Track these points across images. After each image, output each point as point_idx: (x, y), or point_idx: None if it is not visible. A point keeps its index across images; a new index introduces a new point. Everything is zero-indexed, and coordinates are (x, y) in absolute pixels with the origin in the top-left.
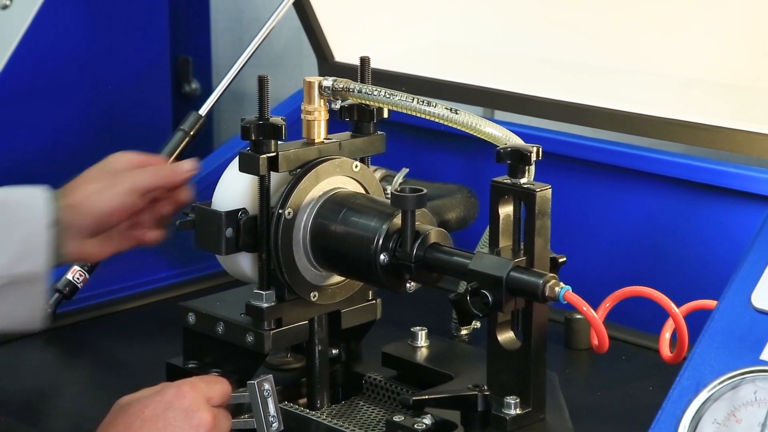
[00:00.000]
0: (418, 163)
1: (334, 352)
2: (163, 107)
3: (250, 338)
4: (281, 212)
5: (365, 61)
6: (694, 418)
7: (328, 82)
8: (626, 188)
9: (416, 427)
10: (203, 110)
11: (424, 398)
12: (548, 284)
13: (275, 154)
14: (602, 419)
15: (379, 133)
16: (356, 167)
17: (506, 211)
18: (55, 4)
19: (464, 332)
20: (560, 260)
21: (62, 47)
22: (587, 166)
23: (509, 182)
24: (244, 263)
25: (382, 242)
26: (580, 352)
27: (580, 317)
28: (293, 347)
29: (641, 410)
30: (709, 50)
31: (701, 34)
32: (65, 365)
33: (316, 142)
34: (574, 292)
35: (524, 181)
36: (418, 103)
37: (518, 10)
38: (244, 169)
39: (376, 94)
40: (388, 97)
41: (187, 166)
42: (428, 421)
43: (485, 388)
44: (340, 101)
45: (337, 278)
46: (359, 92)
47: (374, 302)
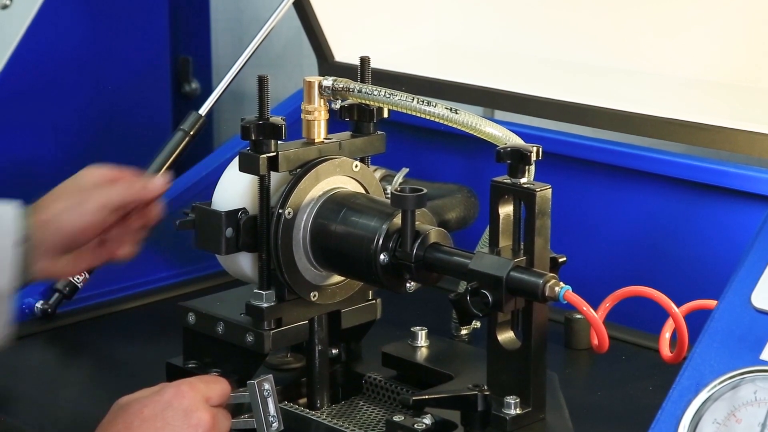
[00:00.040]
0: (418, 163)
1: (334, 352)
2: (163, 107)
3: (250, 338)
4: (281, 212)
5: (365, 61)
6: (694, 418)
7: (328, 81)
8: (626, 188)
9: (416, 427)
10: (203, 110)
11: (424, 398)
12: (548, 284)
13: (275, 153)
14: (602, 419)
15: (379, 133)
16: (356, 167)
17: (506, 211)
18: (55, 4)
19: (464, 332)
20: (560, 260)
21: (62, 47)
22: (587, 166)
23: (509, 182)
24: (244, 263)
25: (382, 242)
26: (580, 352)
27: (580, 317)
28: (293, 347)
29: (641, 410)
30: (709, 50)
31: (701, 34)
32: (65, 365)
33: (316, 141)
34: (574, 292)
35: (524, 180)
36: (418, 103)
37: (518, 10)
38: (244, 169)
39: (376, 93)
40: (388, 97)
41: (158, 182)
42: (428, 421)
43: (485, 388)
44: (340, 101)
45: (337, 278)
46: (359, 92)
47: (374, 302)
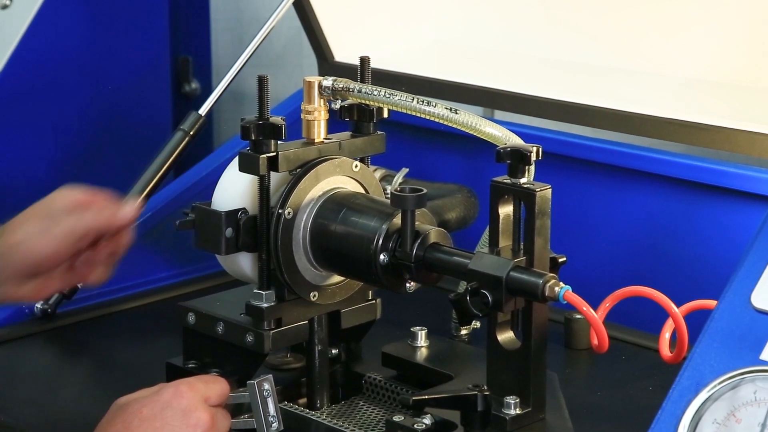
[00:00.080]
0: (418, 163)
1: (334, 352)
2: (163, 107)
3: (250, 338)
4: (281, 212)
5: (365, 61)
6: (694, 418)
7: (328, 81)
8: (626, 188)
9: (416, 427)
10: (203, 110)
11: (424, 398)
12: (548, 284)
13: (275, 153)
14: (602, 419)
15: (379, 133)
16: (356, 167)
17: (506, 211)
18: (55, 4)
19: (464, 332)
20: (560, 260)
21: (62, 47)
22: (587, 166)
23: (509, 182)
24: (244, 263)
25: (382, 242)
26: (580, 352)
27: (580, 317)
28: (293, 347)
29: (641, 410)
30: (709, 50)
31: (701, 34)
32: (65, 365)
33: (316, 141)
34: (574, 292)
35: (524, 180)
36: (418, 103)
37: (518, 10)
38: (244, 169)
39: (376, 93)
40: (388, 97)
41: (128, 210)
42: (428, 421)
43: (485, 388)
44: (340, 101)
45: (337, 278)
46: (359, 92)
47: (374, 302)
